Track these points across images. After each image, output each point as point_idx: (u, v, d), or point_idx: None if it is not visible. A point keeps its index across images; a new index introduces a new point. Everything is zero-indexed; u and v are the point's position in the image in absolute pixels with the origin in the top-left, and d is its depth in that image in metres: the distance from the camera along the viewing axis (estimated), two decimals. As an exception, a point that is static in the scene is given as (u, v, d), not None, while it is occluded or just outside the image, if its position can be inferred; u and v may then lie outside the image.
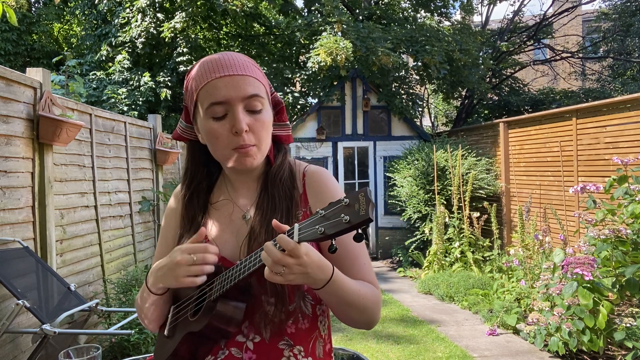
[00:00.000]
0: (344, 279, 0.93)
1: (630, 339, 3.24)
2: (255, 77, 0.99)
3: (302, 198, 1.05)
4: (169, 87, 8.52)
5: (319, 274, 0.86)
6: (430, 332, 4.35)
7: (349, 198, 0.78)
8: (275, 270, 0.83)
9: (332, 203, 0.81)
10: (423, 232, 6.77)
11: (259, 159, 1.00)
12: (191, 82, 1.01)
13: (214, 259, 0.94)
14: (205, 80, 0.97)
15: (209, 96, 0.96)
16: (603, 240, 3.45)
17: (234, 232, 1.04)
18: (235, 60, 0.99)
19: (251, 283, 0.96)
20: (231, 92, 0.95)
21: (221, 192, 1.11)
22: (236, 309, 0.95)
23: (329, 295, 0.92)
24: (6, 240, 2.79)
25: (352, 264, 1.01)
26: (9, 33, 9.90)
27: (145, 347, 3.40)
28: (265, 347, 0.96)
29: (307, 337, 1.00)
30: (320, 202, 1.03)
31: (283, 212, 1.01)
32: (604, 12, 12.98)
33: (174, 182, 5.76)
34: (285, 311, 0.96)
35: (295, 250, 0.81)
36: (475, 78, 8.58)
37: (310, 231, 0.80)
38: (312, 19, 8.43)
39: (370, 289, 0.99)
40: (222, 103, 0.95)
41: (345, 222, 0.76)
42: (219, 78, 0.96)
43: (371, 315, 0.99)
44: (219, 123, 0.97)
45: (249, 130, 0.97)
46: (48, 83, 3.23)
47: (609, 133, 4.69)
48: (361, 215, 0.75)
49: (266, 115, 1.00)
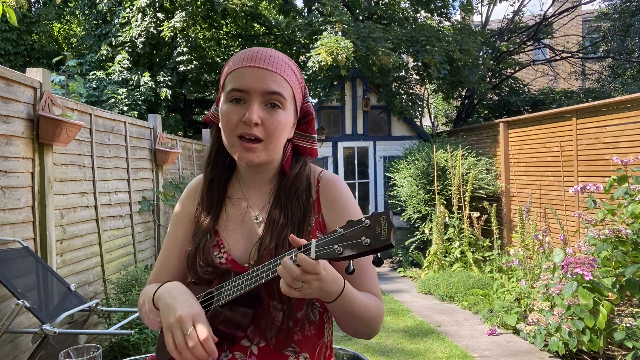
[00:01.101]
0: (353, 292, 0.93)
1: (630, 339, 3.24)
2: (284, 77, 0.98)
3: (315, 204, 1.04)
4: (169, 87, 8.52)
5: (333, 288, 0.86)
6: (430, 332, 4.35)
7: (370, 220, 0.77)
8: (294, 287, 0.82)
9: (351, 222, 0.80)
10: (423, 232, 6.77)
11: (263, 157, 0.99)
12: (226, 66, 1.02)
13: (201, 356, 0.87)
14: (235, 66, 0.98)
15: (233, 81, 0.97)
16: (603, 240, 3.45)
17: (245, 234, 1.04)
18: (271, 56, 0.99)
19: (260, 290, 0.96)
20: (254, 83, 0.96)
21: (235, 189, 1.10)
22: (244, 315, 0.94)
23: (339, 308, 0.91)
24: (6, 240, 2.79)
25: (360, 276, 1.01)
26: (9, 33, 9.90)
27: (145, 347, 3.40)
28: (270, 353, 0.96)
29: (313, 344, 1.00)
30: (333, 212, 1.03)
31: (295, 226, 1.00)
32: (604, 12, 12.99)
33: (174, 182, 5.76)
34: (292, 318, 0.96)
35: (316, 268, 0.80)
36: (475, 78, 8.57)
37: (328, 250, 0.79)
38: (312, 19, 8.43)
39: (375, 302, 1.00)
40: (242, 91, 0.96)
41: (365, 245, 0.75)
42: (247, 67, 0.97)
43: (374, 327, 1.00)
44: (235, 108, 0.97)
45: (261, 124, 0.96)
46: (48, 83, 3.23)
47: (609, 133, 4.69)
48: (382, 240, 0.74)
49: (283, 116, 0.99)
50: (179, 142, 6.28)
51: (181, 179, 6.18)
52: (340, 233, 0.79)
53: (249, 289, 0.89)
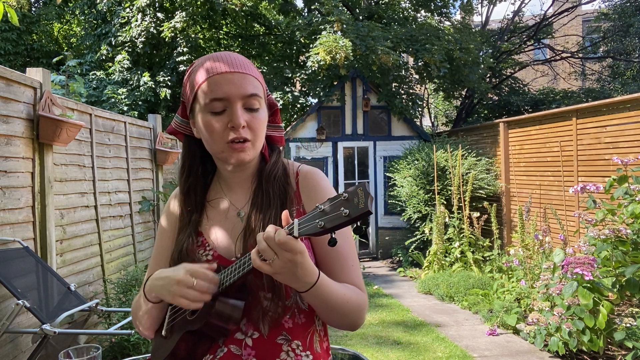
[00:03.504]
0: (329, 283, 0.94)
1: (630, 339, 3.24)
2: (254, 77, 1.01)
3: (296, 195, 1.07)
4: (168, 87, 8.52)
5: (305, 278, 0.87)
6: (430, 332, 4.35)
7: (348, 193, 0.79)
8: (265, 256, 0.83)
9: (330, 198, 0.81)
10: (423, 232, 6.77)
11: (252, 155, 1.02)
12: (192, 76, 1.03)
13: (213, 290, 0.93)
14: (206, 75, 0.99)
15: (209, 92, 0.98)
16: (603, 240, 3.45)
17: (229, 230, 1.06)
18: (237, 60, 1.01)
19: (248, 280, 0.97)
20: (232, 89, 0.97)
21: (216, 191, 1.12)
22: (235, 307, 0.95)
23: (313, 298, 0.93)
24: (6, 240, 2.79)
25: (341, 265, 1.03)
26: (9, 33, 9.90)
27: (145, 347, 3.40)
28: (264, 343, 0.97)
29: (304, 332, 1.01)
30: (313, 201, 1.04)
31: (278, 208, 1.02)
32: (604, 12, 12.98)
33: (174, 182, 5.76)
34: (282, 306, 0.97)
35: (292, 243, 0.81)
36: (475, 77, 8.57)
37: (310, 225, 0.80)
38: (311, 19, 8.42)
39: (355, 293, 1.00)
40: (222, 99, 0.97)
41: (345, 216, 0.77)
42: (221, 74, 0.98)
43: (354, 319, 1.00)
44: (217, 118, 0.98)
45: (246, 126, 0.99)
46: (48, 83, 3.23)
47: (609, 133, 4.69)
48: (361, 209, 0.76)
49: (263, 114, 1.03)
50: (178, 142, 6.28)
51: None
52: (320, 209, 0.81)
53: (237, 277, 0.91)
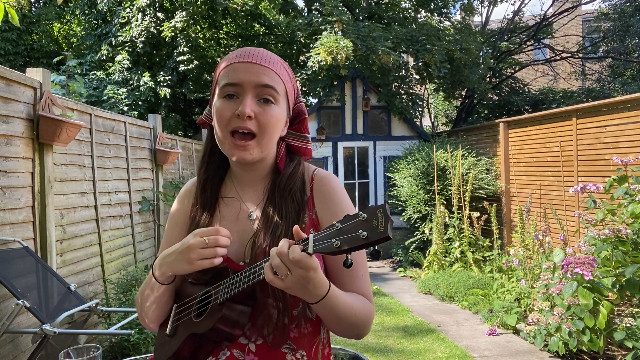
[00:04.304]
0: (339, 294, 0.93)
1: (630, 339, 3.24)
2: (276, 73, 1.00)
3: (309, 201, 1.05)
4: (169, 87, 8.52)
5: (316, 290, 0.86)
6: (430, 332, 4.35)
7: (367, 213, 0.77)
8: (278, 272, 0.82)
9: (348, 216, 0.80)
10: (423, 232, 6.77)
11: (256, 154, 1.00)
12: (219, 65, 1.03)
13: (227, 242, 0.94)
14: (228, 62, 1.00)
15: (226, 77, 0.99)
16: (603, 240, 3.45)
17: (239, 232, 1.04)
18: (264, 54, 1.01)
19: (256, 287, 0.96)
20: (247, 76, 0.97)
21: (229, 188, 1.11)
22: (242, 313, 0.95)
23: (322, 309, 0.92)
24: (6, 240, 2.79)
25: (351, 275, 1.01)
26: (9, 33, 9.89)
27: (145, 347, 3.40)
28: (267, 350, 0.96)
29: (309, 342, 1.00)
30: (327, 208, 1.03)
31: (289, 224, 0.99)
32: (604, 12, 12.98)
33: (174, 182, 5.76)
34: (289, 315, 0.96)
35: (306, 261, 0.80)
36: (475, 77, 8.57)
37: (326, 244, 0.79)
38: (312, 19, 8.42)
39: (363, 304, 1.00)
40: (235, 85, 0.97)
41: (362, 238, 0.75)
42: (240, 62, 0.98)
43: (361, 329, 1.00)
44: (227, 103, 0.98)
45: (254, 117, 0.97)
46: (48, 83, 3.23)
47: (609, 133, 4.69)
48: (380, 232, 0.74)
49: (277, 110, 1.00)
50: (179, 142, 6.28)
51: (181, 179, 6.18)
52: (337, 227, 0.79)
53: (246, 286, 0.90)
